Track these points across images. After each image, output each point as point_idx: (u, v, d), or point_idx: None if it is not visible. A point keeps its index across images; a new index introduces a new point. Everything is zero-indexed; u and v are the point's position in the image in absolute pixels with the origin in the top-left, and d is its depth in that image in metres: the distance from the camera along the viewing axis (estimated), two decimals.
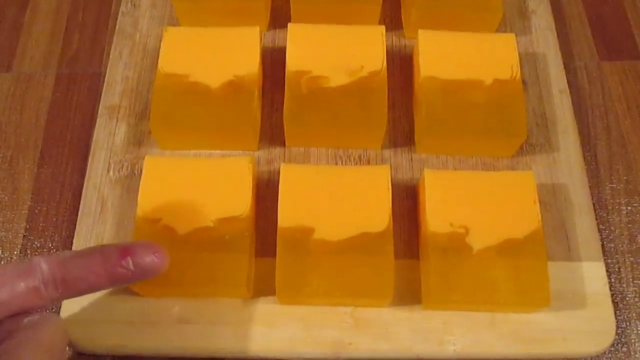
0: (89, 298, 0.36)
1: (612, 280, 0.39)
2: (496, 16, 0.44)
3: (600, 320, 0.36)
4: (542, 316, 0.36)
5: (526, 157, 0.41)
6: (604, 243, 0.40)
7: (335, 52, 0.41)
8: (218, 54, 0.41)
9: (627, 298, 0.38)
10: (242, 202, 0.36)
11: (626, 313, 0.38)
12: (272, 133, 0.42)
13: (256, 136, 0.41)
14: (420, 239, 0.38)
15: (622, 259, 0.40)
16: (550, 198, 0.40)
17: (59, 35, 0.47)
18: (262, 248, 0.38)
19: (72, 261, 0.29)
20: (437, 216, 0.36)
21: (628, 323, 0.38)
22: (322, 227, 0.35)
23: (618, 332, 0.37)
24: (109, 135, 0.42)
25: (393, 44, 0.45)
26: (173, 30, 0.42)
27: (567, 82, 0.44)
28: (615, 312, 0.36)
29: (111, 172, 0.40)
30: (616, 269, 0.39)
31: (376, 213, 0.36)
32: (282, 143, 0.41)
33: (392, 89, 0.42)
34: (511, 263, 0.35)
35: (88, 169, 0.40)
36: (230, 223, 0.36)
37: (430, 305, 0.36)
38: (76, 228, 0.38)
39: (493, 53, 0.41)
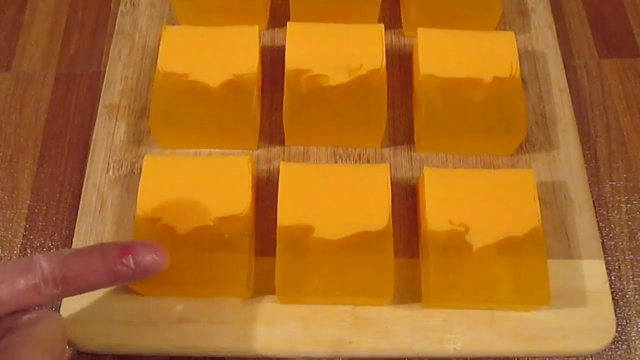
0: (89, 297, 0.36)
1: (612, 277, 0.39)
2: (495, 14, 0.44)
3: (600, 317, 0.36)
4: (542, 314, 0.36)
5: (526, 155, 0.41)
6: (604, 241, 0.40)
7: (334, 51, 0.41)
8: (217, 53, 0.41)
9: (627, 295, 0.38)
10: (242, 201, 0.36)
11: (626, 310, 0.38)
12: (272, 132, 0.42)
13: (256, 135, 0.41)
14: (420, 238, 0.38)
15: (622, 257, 0.40)
16: (550, 196, 0.40)
17: (59, 34, 0.47)
18: (262, 247, 0.38)
19: (72, 259, 0.29)
20: (437, 214, 0.36)
21: (628, 320, 0.38)
22: (322, 226, 0.35)
23: (618, 330, 0.37)
24: (109, 134, 0.41)
25: (392, 43, 0.45)
26: (172, 29, 0.42)
27: (567, 80, 0.44)
28: (615, 310, 0.36)
29: (111, 171, 0.40)
30: (616, 267, 0.39)
31: (376, 211, 0.36)
32: (282, 142, 0.41)
33: (392, 88, 0.42)
34: (511, 261, 0.35)
35: (87, 168, 0.40)
36: (229, 222, 0.36)
37: (430, 303, 0.36)
38: (76, 227, 0.38)
39: (492, 51, 0.41)
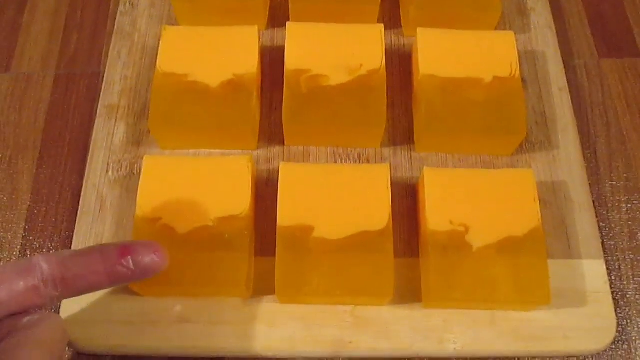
0: (89, 298, 0.36)
1: (613, 277, 0.39)
2: (495, 14, 0.44)
3: (600, 317, 0.36)
4: (543, 314, 0.36)
5: (526, 155, 0.41)
6: (604, 241, 0.40)
7: (334, 51, 0.41)
8: (217, 53, 0.41)
9: (628, 295, 0.38)
10: (242, 201, 0.36)
11: (627, 310, 0.38)
12: (272, 132, 0.42)
13: (255, 135, 0.41)
14: (420, 237, 0.38)
15: (623, 257, 0.39)
16: (550, 196, 0.40)
17: (58, 35, 0.47)
18: (262, 247, 0.38)
19: (72, 260, 0.29)
20: (437, 214, 0.36)
21: (629, 321, 0.38)
22: (322, 226, 0.35)
23: (619, 330, 0.37)
24: (108, 135, 0.41)
25: (392, 43, 0.45)
26: (172, 29, 0.42)
27: (567, 80, 0.44)
28: (615, 310, 0.36)
29: (110, 172, 0.40)
30: (616, 267, 0.39)
31: (376, 211, 0.36)
32: (282, 142, 0.41)
33: (391, 88, 0.42)
34: (511, 261, 0.35)
35: (87, 169, 0.40)
36: (229, 222, 0.36)
37: (430, 303, 0.36)
38: (75, 228, 0.38)
39: (492, 51, 0.41)
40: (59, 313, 0.36)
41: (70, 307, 0.36)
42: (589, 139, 0.43)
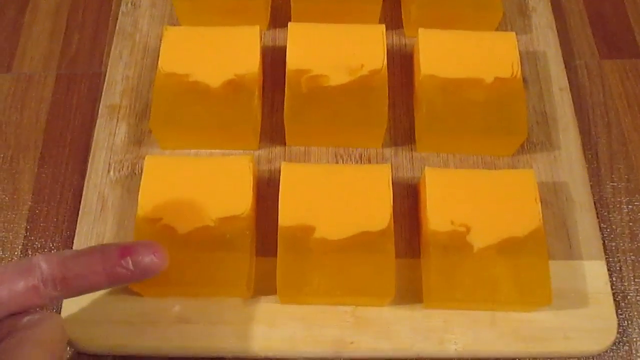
0: (89, 298, 0.36)
1: (614, 278, 0.39)
2: (496, 14, 0.44)
3: (601, 318, 0.36)
4: (544, 315, 0.36)
5: (527, 156, 0.41)
6: (605, 241, 0.40)
7: (335, 51, 0.41)
8: (218, 54, 0.41)
9: (629, 297, 0.38)
10: (243, 201, 0.36)
11: (628, 312, 0.38)
12: (273, 132, 0.42)
13: (256, 135, 0.41)
14: (421, 238, 0.38)
15: (624, 258, 0.39)
16: (551, 196, 0.40)
17: (59, 35, 0.47)
18: (263, 247, 0.38)
19: (72, 260, 0.29)
20: (438, 214, 0.36)
21: (629, 322, 0.38)
22: (323, 226, 0.35)
23: (619, 331, 0.37)
24: (109, 135, 0.41)
25: (393, 43, 0.45)
26: (173, 29, 0.42)
27: (568, 80, 0.44)
28: (616, 311, 0.36)
29: (111, 172, 0.40)
30: (617, 268, 0.39)
31: (377, 212, 0.36)
32: (283, 142, 0.41)
33: (393, 88, 0.42)
34: (512, 261, 0.35)
35: (88, 169, 0.40)
36: (230, 222, 0.36)
37: (431, 303, 0.36)
38: (77, 228, 0.38)
39: (493, 51, 0.41)
40: (60, 313, 0.36)
41: (71, 308, 0.36)
42: (590, 140, 0.43)
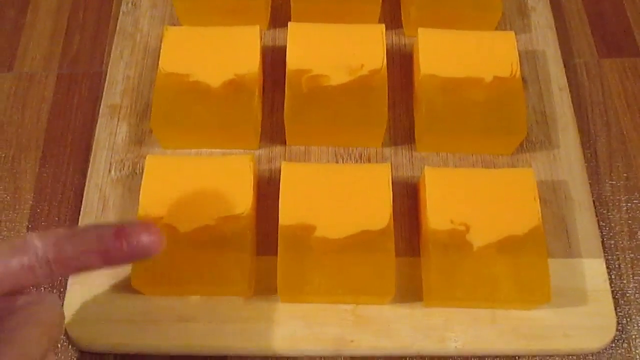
0: (91, 297, 0.36)
1: (613, 276, 0.39)
2: (496, 14, 0.44)
3: (600, 316, 0.36)
4: (543, 312, 0.36)
5: (526, 155, 0.41)
6: (604, 240, 0.40)
7: (335, 51, 0.41)
8: (218, 53, 0.41)
9: (628, 294, 0.38)
10: (243, 201, 0.36)
11: (627, 309, 0.38)
12: (273, 132, 0.42)
13: (257, 135, 0.41)
14: (421, 237, 0.38)
15: (623, 256, 0.40)
16: (550, 195, 0.40)
17: (60, 35, 0.47)
18: (264, 246, 0.38)
19: (67, 239, 0.27)
20: (438, 213, 0.36)
21: (629, 319, 0.38)
22: (323, 225, 0.36)
23: (618, 328, 0.37)
24: (110, 134, 0.42)
25: (393, 43, 0.46)
26: (174, 29, 0.42)
27: (567, 80, 0.44)
28: (615, 309, 0.37)
29: (112, 172, 0.40)
30: (616, 266, 0.39)
31: (377, 211, 0.36)
32: (283, 141, 0.42)
33: (392, 87, 0.42)
34: (512, 260, 0.35)
35: (89, 169, 0.41)
36: (231, 221, 0.36)
37: (431, 302, 0.36)
38: None
39: (493, 51, 0.41)
40: (63, 306, 0.36)
41: (72, 306, 0.36)
42: (589, 138, 0.43)
